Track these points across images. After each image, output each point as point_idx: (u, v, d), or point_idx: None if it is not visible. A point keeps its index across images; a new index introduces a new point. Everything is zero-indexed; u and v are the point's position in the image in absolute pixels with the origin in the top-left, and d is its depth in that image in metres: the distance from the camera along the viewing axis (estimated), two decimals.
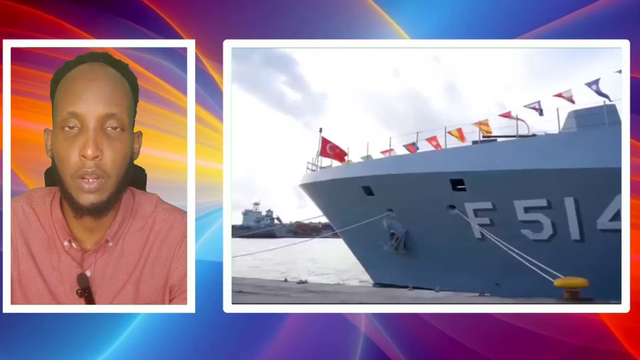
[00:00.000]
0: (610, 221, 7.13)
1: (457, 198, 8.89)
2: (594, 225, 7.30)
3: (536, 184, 7.60)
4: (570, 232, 7.62)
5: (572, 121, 8.15)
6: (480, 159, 8.43)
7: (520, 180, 7.77)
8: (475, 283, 7.12)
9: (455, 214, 9.00)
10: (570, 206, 7.47)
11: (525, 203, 7.88)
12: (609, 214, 7.14)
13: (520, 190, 7.88)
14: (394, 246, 10.45)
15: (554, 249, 7.68)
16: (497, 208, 8.36)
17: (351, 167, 11.68)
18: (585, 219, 7.36)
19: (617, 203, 6.99)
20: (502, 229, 8.25)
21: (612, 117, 7.42)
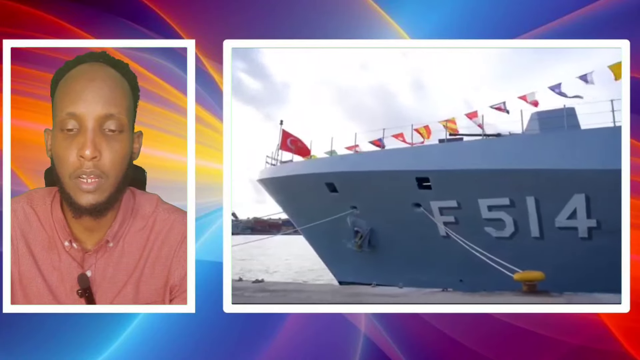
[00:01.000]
0: (567, 219, 7.42)
1: (423, 196, 8.94)
2: (553, 223, 7.56)
3: (500, 184, 7.79)
4: (531, 230, 7.87)
5: (534, 123, 8.38)
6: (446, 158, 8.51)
7: (485, 179, 7.93)
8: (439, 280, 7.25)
9: (420, 212, 9.04)
10: (531, 205, 7.69)
11: (489, 202, 8.06)
12: (566, 212, 7.40)
13: (485, 189, 8.04)
14: (358, 244, 10.35)
15: (515, 246, 7.95)
16: (462, 206, 8.47)
17: (314, 162, 11.48)
18: (544, 218, 7.62)
19: (573, 202, 7.26)
20: (466, 226, 8.41)
21: (571, 120, 7.75)
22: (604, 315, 3.42)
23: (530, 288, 5.03)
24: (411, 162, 9.01)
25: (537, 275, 5.09)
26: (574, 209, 7.31)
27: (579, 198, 7.23)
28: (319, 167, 10.89)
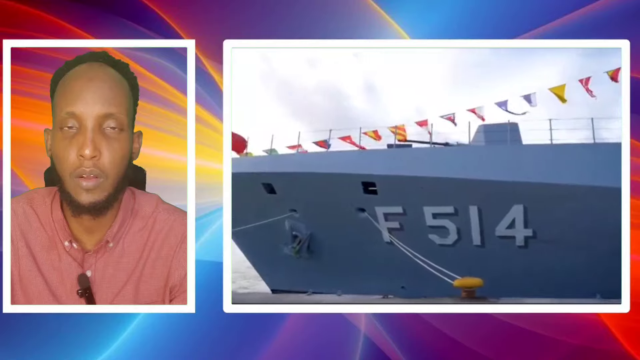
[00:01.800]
0: (507, 229, 7.75)
1: (368, 201, 8.87)
2: (493, 232, 7.86)
3: (446, 192, 7.96)
4: (473, 238, 8.12)
5: (481, 135, 8.62)
6: (394, 163, 8.52)
7: (432, 187, 8.06)
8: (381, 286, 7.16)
9: (364, 217, 8.96)
10: (474, 214, 7.94)
11: (434, 209, 8.21)
12: (506, 222, 7.72)
13: (431, 196, 8.17)
14: (296, 249, 9.82)
15: (457, 253, 8.15)
16: (407, 213, 8.53)
17: (251, 160, 10.73)
18: (486, 226, 7.89)
19: (513, 213, 7.61)
20: (411, 233, 8.49)
21: (514, 135, 8.12)
22: (604, 315, 3.42)
23: (468, 294, 5.18)
24: (358, 165, 8.87)
25: (475, 281, 5.27)
26: (513, 219, 7.65)
27: (518, 209, 7.57)
28: (256, 166, 10.26)
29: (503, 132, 8.13)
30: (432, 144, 8.89)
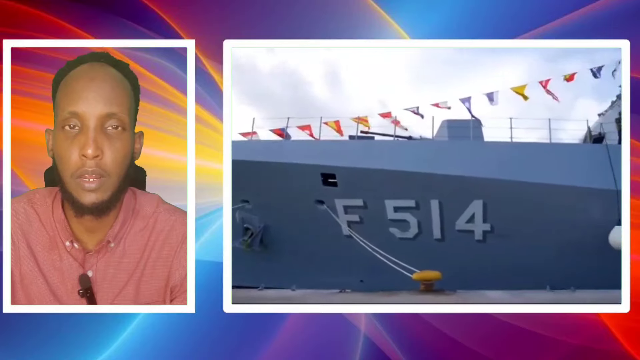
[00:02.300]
0: (466, 223, 7.88)
1: (327, 193, 8.69)
2: (453, 226, 7.96)
3: (408, 186, 7.96)
4: (433, 232, 8.20)
5: (444, 130, 8.61)
6: (356, 155, 8.41)
7: (394, 180, 8.03)
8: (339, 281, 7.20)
9: (323, 209, 8.79)
10: (435, 208, 8.00)
11: (396, 203, 8.19)
12: (466, 216, 7.83)
13: (393, 190, 8.13)
14: (247, 242, 9.35)
15: (418, 247, 8.20)
16: (368, 206, 8.45)
17: None
18: (446, 220, 7.97)
19: (472, 208, 7.74)
20: (371, 226, 8.44)
21: (476, 132, 8.20)
22: (604, 315, 3.42)
23: (427, 287, 5.26)
24: (317, 156, 8.65)
25: (434, 275, 5.35)
26: (473, 214, 7.78)
27: (478, 204, 7.71)
28: None
29: (466, 128, 8.18)
30: (396, 137, 8.80)
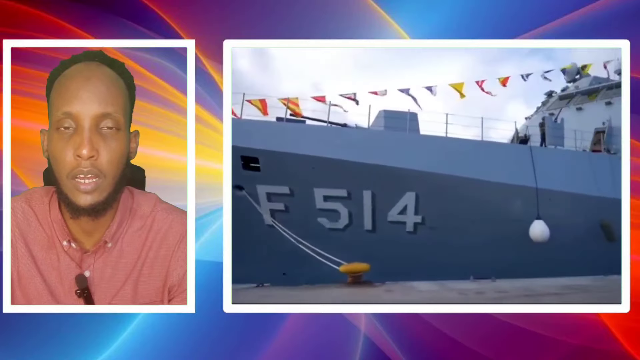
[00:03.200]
0: (398, 214, 7.87)
1: (248, 178, 8.24)
2: (385, 217, 7.89)
3: (340, 174, 7.74)
4: (364, 223, 8.05)
5: (381, 120, 8.36)
6: (283, 139, 8.01)
7: (325, 168, 7.76)
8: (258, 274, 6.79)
9: (242, 195, 8.30)
10: (368, 198, 7.88)
11: (326, 192, 7.93)
12: (398, 208, 7.81)
13: (323, 178, 7.85)
14: None
15: (347, 238, 8.04)
16: (294, 194, 8.07)
17: None
18: (378, 211, 7.88)
19: (405, 199, 7.73)
20: (297, 216, 8.10)
21: (413, 124, 8.08)
22: (604, 315, 3.42)
23: (355, 279, 5.16)
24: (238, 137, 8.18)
25: (362, 267, 5.23)
26: (405, 206, 7.77)
27: (411, 196, 7.72)
28: None
29: (403, 119, 8.08)
30: (329, 124, 8.32)
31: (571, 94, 12.19)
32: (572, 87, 12.50)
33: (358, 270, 5.20)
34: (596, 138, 10.00)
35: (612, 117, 10.38)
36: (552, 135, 9.13)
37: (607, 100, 10.96)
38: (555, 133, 9.17)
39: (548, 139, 9.10)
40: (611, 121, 10.23)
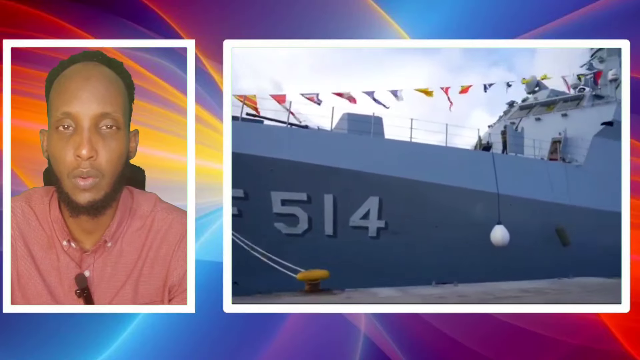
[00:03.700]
0: (361, 219, 7.71)
1: None
2: (347, 222, 7.73)
3: (300, 177, 7.51)
4: (325, 228, 7.88)
5: (344, 123, 8.19)
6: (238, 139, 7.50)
7: (284, 170, 7.50)
8: None
9: None
10: (329, 203, 7.72)
11: (284, 195, 7.67)
12: (361, 212, 7.68)
13: (281, 181, 7.59)
14: None
15: (306, 243, 7.80)
16: (249, 197, 7.74)
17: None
18: (340, 216, 7.72)
19: (368, 204, 7.60)
20: (252, 220, 7.74)
21: (377, 128, 7.95)
22: (604, 315, 3.42)
23: (312, 287, 4.93)
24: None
25: (321, 274, 4.99)
26: (368, 210, 7.66)
27: (374, 200, 7.61)
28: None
29: (367, 123, 7.93)
30: (289, 125, 8.04)
31: (531, 105, 12.60)
32: (532, 98, 12.97)
33: (316, 277, 4.97)
34: (553, 147, 10.26)
35: (567, 128, 10.67)
36: (513, 144, 9.33)
37: (563, 112, 11.31)
38: (515, 141, 9.37)
39: (509, 146, 9.33)
40: (567, 132, 10.52)
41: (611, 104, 10.79)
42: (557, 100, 11.99)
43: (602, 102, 11.09)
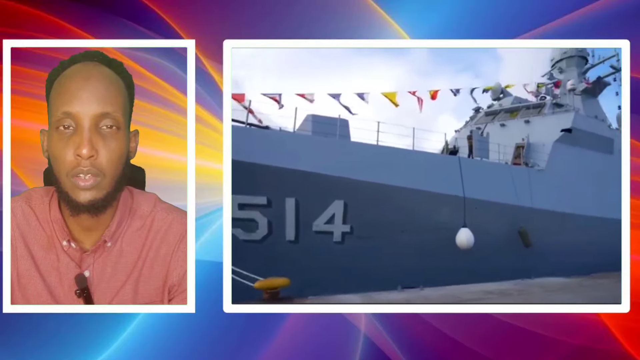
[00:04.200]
0: (325, 224, 7.44)
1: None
2: (310, 227, 7.41)
3: (259, 180, 7.23)
4: (287, 233, 7.59)
5: (308, 124, 7.92)
6: None
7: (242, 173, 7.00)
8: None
9: None
10: (291, 207, 7.45)
11: (242, 199, 7.32)
12: (325, 217, 7.42)
13: (239, 184, 7.06)
14: None
15: (265, 250, 7.49)
16: None
17: None
18: (302, 221, 7.39)
19: (333, 208, 7.36)
20: None
21: (343, 130, 7.73)
22: (604, 315, 3.42)
23: (272, 295, 4.72)
24: None
25: (280, 282, 4.79)
26: (333, 214, 7.43)
27: (339, 204, 7.41)
28: None
29: (332, 125, 7.71)
30: (248, 125, 7.75)
31: (496, 111, 12.93)
32: (497, 105, 13.35)
33: (275, 285, 4.74)
34: (516, 152, 10.47)
35: (530, 134, 10.94)
36: (479, 148, 9.45)
37: (526, 118, 11.68)
38: (481, 146, 9.50)
39: (475, 151, 9.46)
40: (529, 137, 10.77)
41: (570, 112, 11.26)
42: (520, 107, 12.38)
43: (562, 110, 11.54)
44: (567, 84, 12.93)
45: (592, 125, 11.56)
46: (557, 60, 14.49)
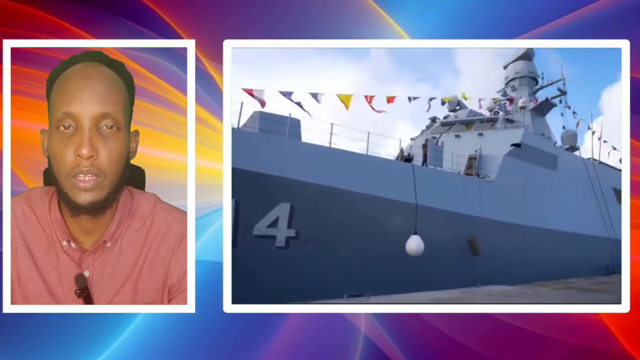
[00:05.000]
0: (268, 227, 7.07)
1: None
2: (250, 231, 7.02)
3: None
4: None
5: (255, 121, 7.50)
6: None
7: None
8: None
9: None
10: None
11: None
12: (268, 220, 7.05)
13: None
14: None
15: None
16: None
17: None
18: (242, 224, 6.94)
19: (278, 211, 7.00)
20: None
21: (294, 130, 7.40)
22: (604, 315, 3.42)
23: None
24: None
25: None
26: (277, 218, 7.06)
27: (284, 207, 7.05)
28: None
29: (282, 124, 7.25)
30: None
31: (451, 122, 13.22)
32: (453, 116, 13.66)
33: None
34: (469, 163, 10.68)
35: (482, 146, 11.23)
36: (433, 157, 9.53)
37: (480, 131, 12.00)
38: (435, 155, 9.59)
39: (429, 159, 9.56)
40: (482, 149, 11.06)
41: (520, 128, 11.72)
42: (474, 120, 12.76)
43: (513, 126, 12.02)
44: (518, 102, 13.77)
45: (539, 142, 11.92)
46: (511, 79, 15.24)
